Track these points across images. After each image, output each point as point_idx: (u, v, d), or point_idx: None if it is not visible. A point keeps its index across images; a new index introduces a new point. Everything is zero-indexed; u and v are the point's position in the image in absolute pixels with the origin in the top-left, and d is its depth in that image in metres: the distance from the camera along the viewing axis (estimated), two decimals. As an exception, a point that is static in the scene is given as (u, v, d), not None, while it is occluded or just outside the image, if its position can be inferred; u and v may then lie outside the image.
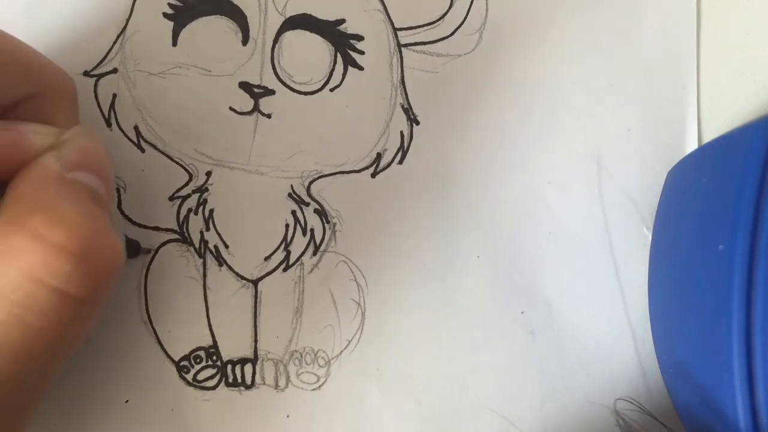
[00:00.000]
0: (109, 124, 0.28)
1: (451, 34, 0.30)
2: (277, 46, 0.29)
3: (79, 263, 0.20)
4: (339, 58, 0.29)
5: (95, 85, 0.28)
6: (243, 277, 0.29)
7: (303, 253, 0.29)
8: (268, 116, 0.29)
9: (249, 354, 0.28)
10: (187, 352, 0.28)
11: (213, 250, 0.29)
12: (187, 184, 0.29)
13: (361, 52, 0.29)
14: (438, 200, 0.29)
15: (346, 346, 0.29)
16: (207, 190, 0.29)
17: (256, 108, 0.29)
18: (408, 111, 0.30)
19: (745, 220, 0.22)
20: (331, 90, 0.29)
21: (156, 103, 0.29)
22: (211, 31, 0.29)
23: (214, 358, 0.28)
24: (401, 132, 0.30)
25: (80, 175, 0.22)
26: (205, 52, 0.29)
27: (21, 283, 0.19)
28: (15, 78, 0.23)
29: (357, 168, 0.29)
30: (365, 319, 0.29)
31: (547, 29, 0.30)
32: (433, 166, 0.29)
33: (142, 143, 0.29)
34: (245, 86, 0.29)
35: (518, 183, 0.30)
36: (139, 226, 0.28)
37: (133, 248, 0.28)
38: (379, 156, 0.29)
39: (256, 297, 0.29)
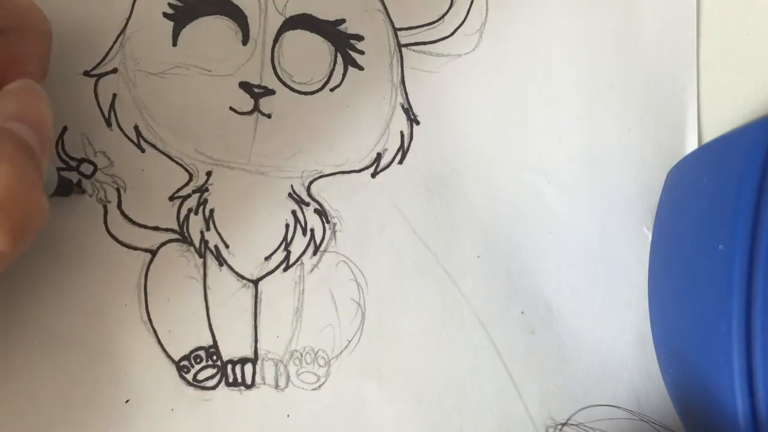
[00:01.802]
0: (109, 124, 0.28)
1: (451, 34, 0.30)
2: (277, 46, 0.29)
3: None
4: (339, 58, 0.29)
5: (95, 85, 0.28)
6: (243, 277, 0.29)
7: (303, 253, 0.29)
8: (269, 116, 0.29)
9: (249, 354, 0.28)
10: (187, 352, 0.28)
11: (213, 250, 0.29)
12: (187, 184, 0.29)
13: (361, 52, 0.29)
14: (438, 200, 0.29)
15: (346, 346, 0.29)
16: (207, 190, 0.29)
17: (256, 108, 0.29)
18: (408, 111, 0.30)
19: (745, 220, 0.22)
20: (331, 90, 0.29)
21: (156, 103, 0.29)
22: (211, 31, 0.29)
23: (215, 357, 0.28)
24: (401, 132, 0.30)
25: (15, 126, 0.22)
26: (205, 52, 0.29)
27: None
28: None
29: (357, 168, 0.29)
30: (365, 319, 0.29)
31: (546, 29, 0.30)
32: (433, 166, 0.29)
33: (142, 143, 0.29)
34: (245, 86, 0.29)
35: (518, 183, 0.30)
36: (139, 226, 0.28)
37: (66, 187, 0.27)
38: (379, 156, 0.29)
39: (256, 297, 0.29)
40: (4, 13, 0.23)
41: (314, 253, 0.29)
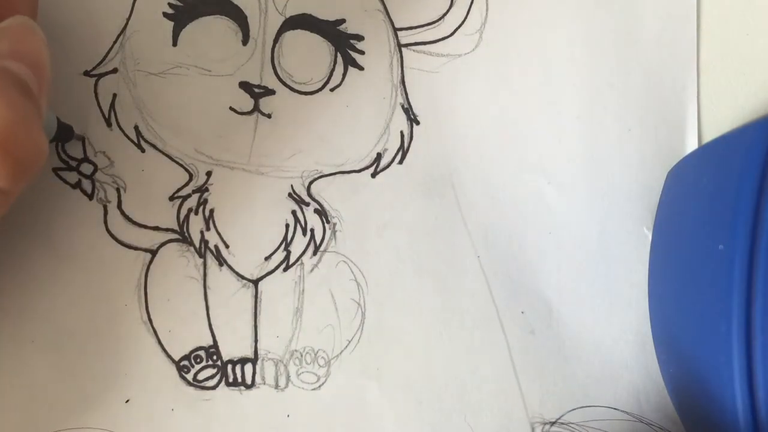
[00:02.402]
0: (109, 124, 0.28)
1: (451, 34, 0.30)
2: (277, 46, 0.29)
3: None
4: (339, 58, 0.29)
5: (95, 85, 0.28)
6: (243, 277, 0.29)
7: (303, 253, 0.29)
8: (269, 116, 0.29)
9: (249, 354, 0.28)
10: (187, 351, 0.28)
11: (213, 249, 0.29)
12: (187, 184, 0.29)
13: (361, 52, 0.29)
14: (438, 200, 0.29)
15: (346, 346, 0.29)
16: (207, 189, 0.29)
17: (256, 108, 0.29)
18: (408, 111, 0.30)
19: (745, 220, 0.22)
20: (332, 90, 0.29)
21: (156, 103, 0.29)
22: (211, 31, 0.29)
23: (215, 357, 0.28)
24: (401, 132, 0.30)
25: (11, 64, 0.21)
26: (205, 52, 0.29)
27: None
28: None
29: (357, 168, 0.29)
30: (365, 319, 0.29)
31: (547, 29, 0.30)
32: (433, 166, 0.29)
33: (142, 143, 0.29)
34: (245, 86, 0.29)
35: (518, 183, 0.30)
36: (139, 226, 0.28)
37: (66, 132, 0.27)
38: (379, 156, 0.29)
39: (256, 297, 0.29)
40: None
41: (314, 253, 0.29)
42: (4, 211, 0.22)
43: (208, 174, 0.29)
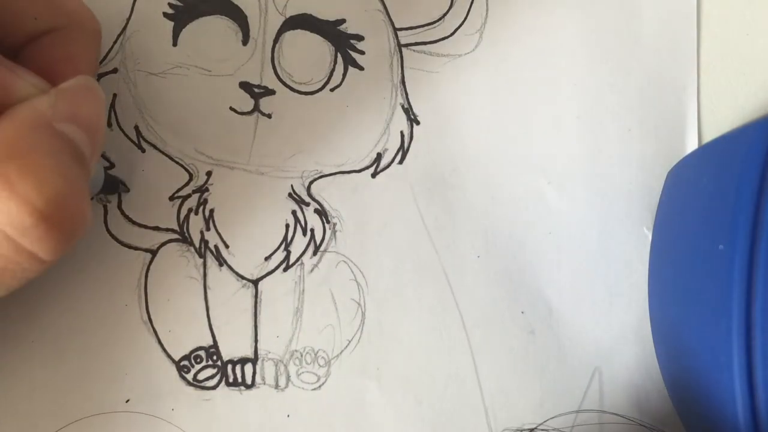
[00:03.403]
0: (109, 124, 0.28)
1: (451, 34, 0.30)
2: (277, 46, 0.29)
3: (41, 221, 0.19)
4: (339, 58, 0.29)
5: (95, 85, 0.28)
6: (243, 277, 0.29)
7: (303, 253, 0.29)
8: (269, 116, 0.29)
9: (249, 354, 0.28)
10: (187, 351, 0.28)
11: (213, 249, 0.29)
12: (187, 184, 0.29)
13: (362, 52, 0.29)
14: (438, 200, 0.29)
15: (346, 346, 0.29)
16: (207, 190, 0.29)
17: (256, 108, 0.29)
18: (408, 111, 0.30)
19: (745, 220, 0.22)
20: (332, 90, 0.29)
21: (156, 103, 0.29)
22: (211, 31, 0.29)
23: (215, 357, 0.28)
24: (401, 132, 0.30)
25: (68, 128, 0.21)
26: (205, 52, 0.29)
27: None
28: (41, 8, 0.23)
29: (357, 168, 0.29)
30: (365, 319, 0.29)
31: (546, 29, 0.30)
32: (434, 166, 0.29)
33: (143, 143, 0.29)
34: (245, 86, 0.29)
35: (518, 183, 0.30)
36: (140, 226, 0.28)
37: (113, 185, 0.27)
38: (379, 156, 0.29)
39: (256, 297, 0.29)
40: (54, 12, 0.23)
41: (314, 253, 0.29)
42: (35, 278, 0.21)
43: (208, 174, 0.29)
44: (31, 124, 0.20)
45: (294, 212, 0.29)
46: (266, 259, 0.29)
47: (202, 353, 0.28)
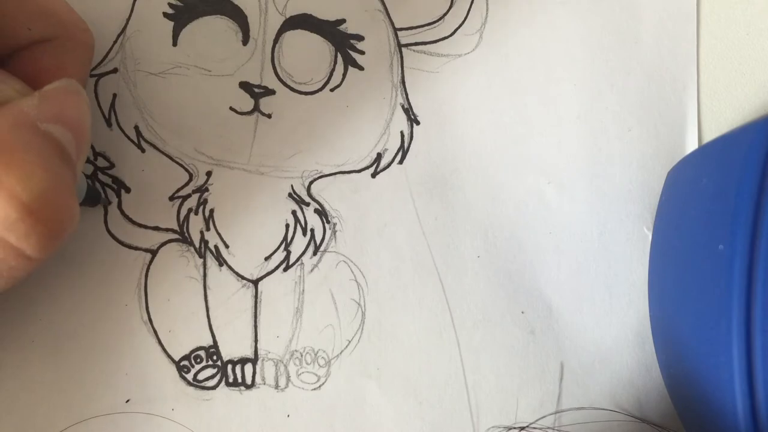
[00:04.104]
0: (109, 124, 0.28)
1: (451, 34, 0.30)
2: (277, 46, 0.29)
3: (27, 216, 0.19)
4: (339, 58, 0.29)
5: (95, 85, 0.28)
6: (243, 277, 0.29)
7: (303, 253, 0.29)
8: (269, 116, 0.29)
9: (249, 354, 0.28)
10: (187, 351, 0.28)
11: (213, 250, 0.29)
12: (187, 183, 0.29)
13: (362, 52, 0.29)
14: (438, 200, 0.29)
15: (346, 346, 0.29)
16: (207, 189, 0.29)
17: (256, 108, 0.29)
18: (408, 111, 0.30)
19: (745, 220, 0.22)
20: (332, 90, 0.29)
21: (156, 103, 0.29)
22: (211, 31, 0.29)
23: (215, 357, 0.28)
24: (401, 132, 0.30)
25: (54, 128, 0.21)
26: (205, 52, 0.29)
27: None
28: (34, 18, 0.23)
29: (357, 168, 0.29)
30: (365, 319, 0.29)
31: (546, 29, 0.30)
32: (434, 166, 0.29)
33: (142, 143, 0.29)
34: (245, 86, 0.29)
35: (518, 183, 0.30)
36: (140, 226, 0.28)
37: (94, 197, 0.27)
38: (379, 156, 0.29)
39: (256, 297, 0.29)
40: (48, 24, 0.23)
41: (314, 253, 0.29)
42: (26, 277, 0.21)
43: (208, 174, 0.29)
44: (14, 123, 0.20)
45: (294, 212, 0.29)
46: (266, 259, 0.29)
47: (202, 353, 0.28)
